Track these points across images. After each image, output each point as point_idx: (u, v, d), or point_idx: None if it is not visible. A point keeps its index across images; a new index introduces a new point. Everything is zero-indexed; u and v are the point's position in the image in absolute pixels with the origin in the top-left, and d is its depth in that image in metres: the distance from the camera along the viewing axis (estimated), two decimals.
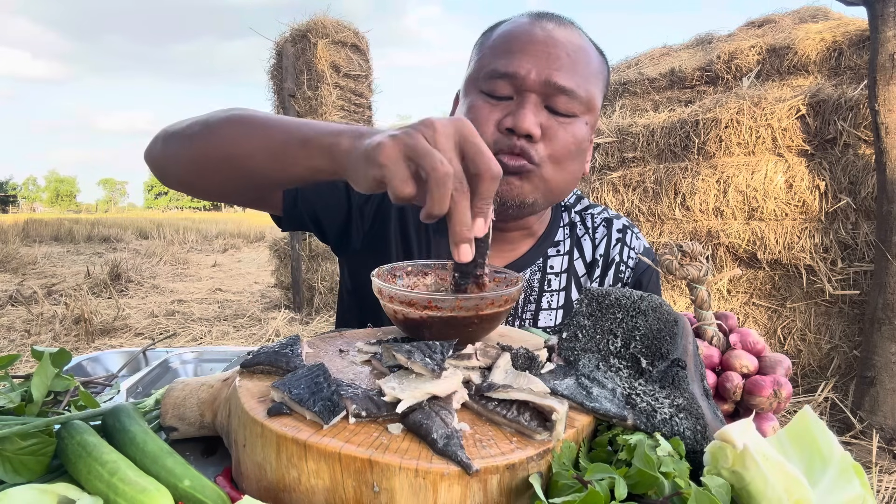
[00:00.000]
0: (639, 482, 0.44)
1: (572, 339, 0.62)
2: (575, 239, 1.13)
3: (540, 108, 0.92)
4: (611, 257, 1.12)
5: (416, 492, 0.45)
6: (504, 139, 0.91)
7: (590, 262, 1.12)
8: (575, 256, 1.12)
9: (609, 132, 4.18)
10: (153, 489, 0.46)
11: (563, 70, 0.90)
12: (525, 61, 0.91)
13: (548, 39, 0.92)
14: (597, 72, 0.97)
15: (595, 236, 1.14)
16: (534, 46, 0.92)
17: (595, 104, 0.96)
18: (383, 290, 0.69)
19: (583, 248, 1.13)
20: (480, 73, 0.95)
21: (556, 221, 1.14)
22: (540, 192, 0.95)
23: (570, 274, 1.11)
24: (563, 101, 0.91)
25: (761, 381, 0.60)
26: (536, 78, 0.90)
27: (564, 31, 0.95)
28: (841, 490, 0.44)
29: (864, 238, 3.20)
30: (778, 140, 3.49)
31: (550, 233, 1.12)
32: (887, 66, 2.83)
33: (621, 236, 1.14)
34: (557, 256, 1.11)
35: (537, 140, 0.91)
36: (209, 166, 0.86)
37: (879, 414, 2.87)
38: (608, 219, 1.16)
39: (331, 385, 0.54)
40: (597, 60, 0.98)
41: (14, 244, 10.31)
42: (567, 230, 1.14)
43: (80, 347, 4.53)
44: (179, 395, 0.64)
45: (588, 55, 0.95)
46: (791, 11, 6.22)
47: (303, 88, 5.92)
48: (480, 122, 0.93)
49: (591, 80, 0.95)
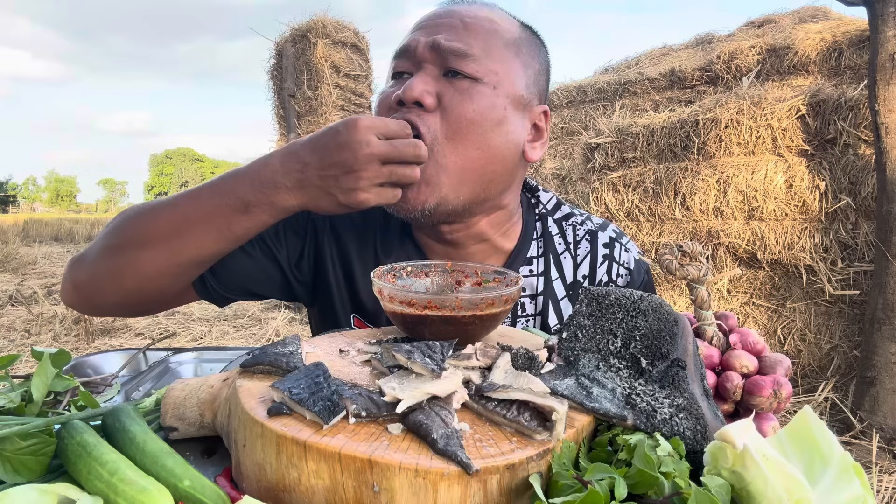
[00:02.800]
0: (639, 482, 0.44)
1: (572, 339, 0.62)
2: (553, 255, 1.01)
3: (435, 77, 0.86)
4: (597, 278, 1.01)
5: (416, 492, 0.45)
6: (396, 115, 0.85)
7: (571, 283, 1.01)
8: (553, 277, 1.00)
9: (609, 132, 4.18)
10: (153, 489, 0.46)
11: (452, 33, 0.86)
12: (418, 34, 0.88)
13: (444, 12, 0.90)
14: (508, 41, 0.89)
15: (577, 253, 1.02)
16: (429, 21, 0.90)
17: (503, 69, 0.87)
18: (383, 290, 0.69)
19: (562, 266, 1.01)
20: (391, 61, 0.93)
21: (529, 234, 1.02)
22: (444, 187, 0.85)
23: (548, 297, 0.99)
24: (455, 60, 0.85)
25: (761, 381, 0.60)
26: (425, 44, 0.86)
27: (468, 7, 0.91)
28: (841, 490, 0.44)
29: (864, 238, 3.20)
30: (778, 140, 3.49)
31: (521, 249, 1.00)
32: (887, 66, 2.83)
33: (608, 252, 1.02)
34: (531, 277, 1.00)
35: (430, 108, 0.84)
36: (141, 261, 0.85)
37: (879, 414, 2.87)
38: (592, 231, 1.04)
39: (331, 385, 0.54)
40: (509, 32, 0.91)
41: (14, 244, 10.31)
42: (541, 243, 1.02)
43: (80, 347, 4.53)
44: (179, 395, 0.64)
45: (493, 23, 0.89)
46: (791, 11, 6.23)
47: (303, 88, 5.92)
48: (379, 107, 0.90)
49: (495, 44, 0.88)
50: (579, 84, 6.70)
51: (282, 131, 6.24)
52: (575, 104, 6.72)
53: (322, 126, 4.52)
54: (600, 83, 6.40)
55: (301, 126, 6.01)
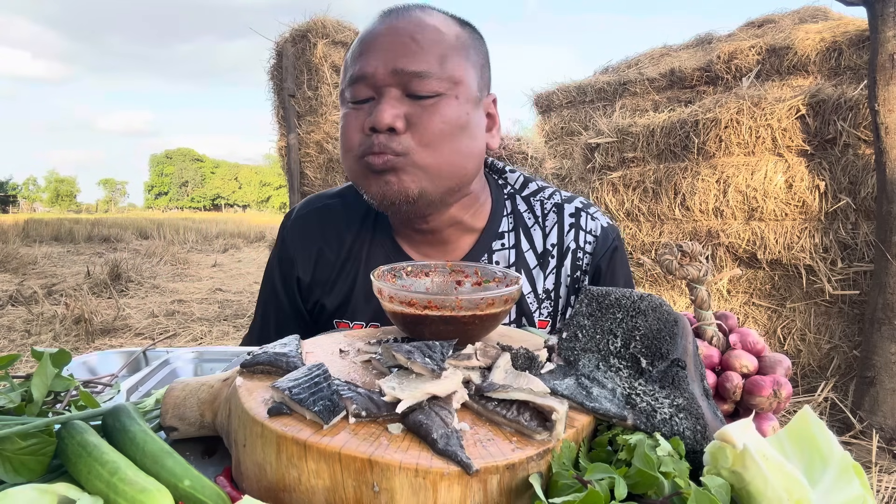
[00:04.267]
0: (639, 482, 0.44)
1: (572, 339, 0.62)
2: (523, 228, 1.08)
3: (401, 99, 0.91)
4: (565, 245, 1.07)
5: (416, 492, 0.45)
6: (368, 140, 0.91)
7: (541, 253, 1.07)
8: (524, 248, 1.07)
9: (609, 132, 4.18)
10: (153, 489, 0.46)
11: (408, 55, 0.90)
12: (372, 58, 0.92)
13: (389, 31, 0.93)
14: (454, 44, 0.94)
15: (545, 224, 1.09)
16: (377, 42, 0.93)
17: (459, 76, 0.93)
18: (383, 290, 0.69)
19: (532, 238, 1.08)
20: (344, 84, 0.97)
21: (499, 211, 1.09)
22: (423, 180, 0.92)
23: (520, 266, 1.06)
24: (417, 83, 0.90)
25: (761, 381, 0.60)
26: (385, 71, 0.90)
27: (407, 19, 0.95)
28: (841, 490, 0.44)
29: (863, 238, 3.20)
30: (778, 140, 3.49)
31: (492, 224, 1.07)
32: (887, 66, 2.83)
33: (574, 220, 1.09)
34: (503, 250, 1.07)
35: (402, 131, 0.90)
36: None
37: (879, 414, 2.87)
38: (559, 204, 1.10)
39: (331, 385, 0.54)
40: (452, 34, 0.96)
41: (14, 244, 10.31)
42: (512, 219, 1.09)
43: (80, 347, 4.53)
44: (179, 395, 0.64)
45: (437, 32, 0.94)
46: (791, 11, 6.23)
47: (303, 88, 5.92)
48: (349, 130, 0.95)
49: (447, 54, 0.93)
50: (579, 84, 6.70)
51: (282, 131, 6.24)
52: (575, 104, 6.72)
53: (323, 126, 4.52)
54: (600, 83, 6.40)
55: (301, 126, 6.01)
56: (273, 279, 1.16)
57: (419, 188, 0.92)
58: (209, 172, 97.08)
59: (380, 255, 1.07)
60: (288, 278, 1.14)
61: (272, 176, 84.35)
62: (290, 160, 6.11)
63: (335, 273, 1.09)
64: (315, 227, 1.12)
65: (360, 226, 1.10)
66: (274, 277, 1.16)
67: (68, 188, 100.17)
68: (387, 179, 0.92)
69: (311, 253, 1.11)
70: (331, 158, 5.90)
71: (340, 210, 1.12)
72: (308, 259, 1.11)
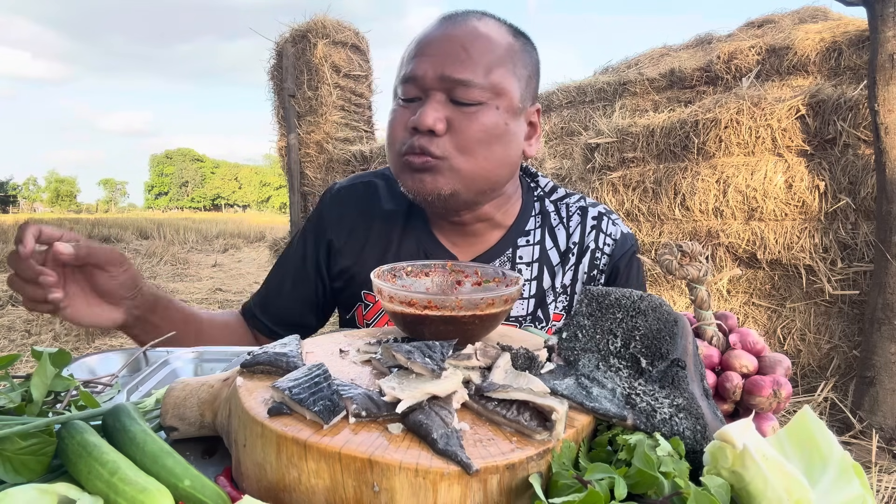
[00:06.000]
0: (638, 482, 0.44)
1: (572, 339, 0.62)
2: (548, 228, 1.15)
3: (444, 103, 0.97)
4: (585, 244, 1.13)
5: (416, 491, 0.45)
6: (409, 138, 0.97)
7: (564, 251, 1.13)
8: (548, 245, 1.13)
9: (609, 132, 4.18)
10: (153, 489, 0.46)
11: (457, 63, 0.96)
12: (423, 62, 0.97)
13: (443, 37, 0.99)
14: (504, 57, 0.99)
15: (570, 225, 1.15)
16: (431, 47, 0.99)
17: (503, 87, 0.98)
18: (383, 290, 0.69)
19: (556, 237, 1.14)
20: (396, 81, 1.03)
21: (528, 211, 1.15)
22: (457, 182, 0.98)
23: (543, 263, 1.12)
24: (462, 91, 0.95)
25: (761, 381, 0.60)
26: (433, 75, 0.96)
27: (465, 26, 1.00)
28: (841, 490, 0.44)
29: (863, 238, 3.20)
30: (778, 140, 3.49)
31: (520, 222, 1.14)
32: (887, 67, 2.83)
33: (596, 223, 1.15)
34: (527, 247, 1.13)
35: (441, 134, 0.95)
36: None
37: (879, 414, 2.87)
38: (583, 207, 1.17)
39: (331, 385, 0.54)
40: (504, 47, 1.00)
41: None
42: (539, 219, 1.15)
43: (80, 347, 4.53)
44: (179, 395, 0.64)
45: (490, 43, 0.98)
46: (791, 11, 6.23)
47: (303, 88, 5.92)
48: (395, 126, 1.01)
49: (495, 66, 0.98)
50: (579, 84, 6.70)
51: (282, 131, 6.24)
52: (575, 104, 6.71)
53: (323, 126, 4.52)
54: (600, 83, 6.40)
55: (301, 126, 6.01)
56: (302, 239, 1.21)
57: (452, 189, 0.98)
58: (209, 172, 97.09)
59: (412, 238, 1.13)
60: (319, 240, 1.18)
61: (272, 176, 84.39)
62: (290, 160, 6.11)
63: (367, 245, 1.14)
64: (356, 198, 1.18)
65: (397, 206, 1.16)
66: (305, 238, 1.21)
67: (68, 188, 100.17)
68: (422, 178, 0.97)
69: (348, 220, 1.16)
70: (331, 158, 5.90)
71: (384, 188, 1.19)
72: (343, 225, 1.16)
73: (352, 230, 1.16)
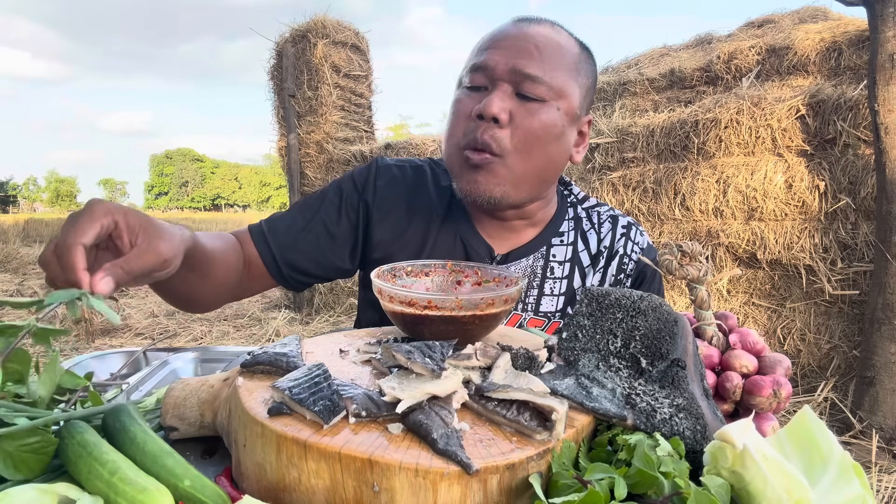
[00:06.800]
0: (638, 482, 0.44)
1: (572, 339, 0.62)
2: (580, 232, 1.19)
3: (510, 95, 0.98)
4: (615, 249, 1.18)
5: (416, 491, 0.45)
6: (473, 127, 0.98)
7: (594, 254, 1.17)
8: (580, 248, 1.17)
9: (609, 132, 4.18)
10: (153, 489, 0.46)
11: (529, 58, 0.98)
12: (496, 53, 0.99)
13: (519, 34, 1.01)
14: (571, 64, 1.02)
15: (601, 231, 1.19)
16: (506, 41, 1.01)
17: (567, 92, 1.01)
18: (383, 290, 0.69)
19: (588, 241, 1.18)
20: (463, 72, 1.05)
21: (563, 214, 1.19)
22: (508, 184, 0.99)
23: (574, 263, 1.16)
24: (529, 85, 0.98)
25: (761, 381, 0.60)
26: (504, 67, 0.98)
27: (539, 28, 1.03)
28: (841, 490, 0.44)
29: (863, 238, 3.20)
30: (778, 140, 3.49)
31: (556, 223, 1.17)
32: (887, 66, 2.83)
33: (626, 231, 1.20)
34: (561, 246, 1.16)
35: (504, 125, 0.97)
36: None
37: (879, 414, 2.87)
38: (614, 216, 1.22)
39: (331, 385, 0.54)
40: (572, 54, 1.03)
41: (14, 244, 10.30)
42: (572, 223, 1.20)
43: (80, 347, 4.53)
44: (179, 395, 0.64)
45: (560, 48, 1.02)
46: (791, 11, 6.23)
47: (303, 88, 5.92)
48: (459, 113, 1.02)
49: (562, 70, 1.01)
50: None
51: (282, 131, 6.24)
52: None
53: (323, 126, 4.50)
54: (600, 83, 6.40)
55: (301, 126, 6.01)
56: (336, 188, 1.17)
57: (502, 192, 1.00)
58: (209, 172, 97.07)
59: (450, 224, 1.14)
60: (352, 195, 1.16)
61: (272, 176, 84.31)
62: (290, 160, 6.11)
63: (409, 229, 1.15)
64: (406, 179, 1.18)
65: (440, 193, 1.18)
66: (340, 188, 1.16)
67: (68, 188, 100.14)
68: (476, 179, 0.99)
69: (392, 197, 1.16)
70: (331, 158, 5.90)
71: (429, 174, 1.21)
72: (385, 198, 1.15)
73: (392, 208, 1.15)
